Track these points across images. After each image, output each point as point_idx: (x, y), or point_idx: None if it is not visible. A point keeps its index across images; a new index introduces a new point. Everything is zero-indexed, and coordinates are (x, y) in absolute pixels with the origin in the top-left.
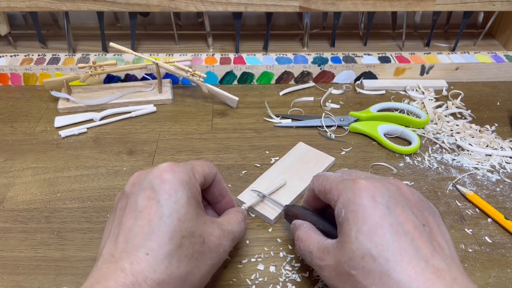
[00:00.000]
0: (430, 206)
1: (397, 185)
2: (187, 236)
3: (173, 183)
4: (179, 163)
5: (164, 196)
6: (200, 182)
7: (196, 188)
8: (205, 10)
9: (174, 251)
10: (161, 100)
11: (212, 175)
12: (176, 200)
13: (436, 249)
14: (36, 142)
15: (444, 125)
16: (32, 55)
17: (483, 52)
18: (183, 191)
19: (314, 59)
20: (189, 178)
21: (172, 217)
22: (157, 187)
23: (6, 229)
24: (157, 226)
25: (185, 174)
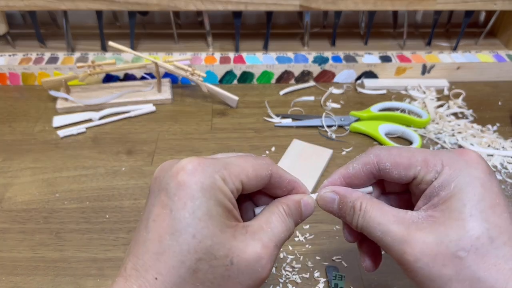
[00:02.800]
0: None
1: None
2: (206, 258)
3: (190, 188)
4: (208, 159)
5: (178, 205)
6: (234, 186)
7: (225, 193)
8: (205, 9)
9: (188, 278)
10: (160, 99)
11: (262, 178)
12: (192, 211)
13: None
14: (34, 142)
15: (446, 125)
16: (31, 55)
17: (484, 52)
18: (203, 199)
19: (314, 58)
20: (214, 182)
21: (185, 233)
22: (171, 192)
23: (5, 229)
24: (168, 245)
25: (209, 176)
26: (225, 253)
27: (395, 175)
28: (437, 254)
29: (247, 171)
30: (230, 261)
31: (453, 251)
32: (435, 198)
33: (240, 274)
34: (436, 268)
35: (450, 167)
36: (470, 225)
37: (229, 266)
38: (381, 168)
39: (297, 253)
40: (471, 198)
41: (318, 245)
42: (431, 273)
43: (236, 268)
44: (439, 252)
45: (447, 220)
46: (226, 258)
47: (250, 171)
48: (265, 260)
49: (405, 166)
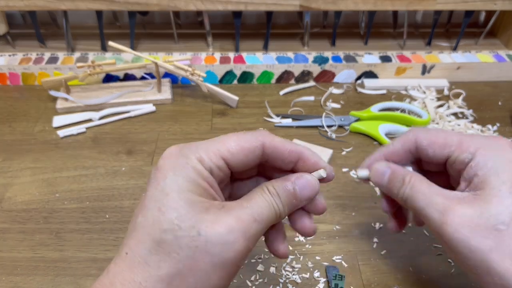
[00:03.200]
0: None
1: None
2: (170, 229)
3: (164, 170)
4: (189, 143)
5: (152, 185)
6: (213, 165)
7: (199, 171)
8: (205, 9)
9: (153, 250)
10: (160, 99)
11: (250, 151)
12: (161, 189)
13: None
14: (34, 142)
15: (446, 125)
16: (31, 55)
17: (484, 52)
18: (173, 177)
19: (314, 58)
20: (186, 162)
21: (152, 208)
22: (150, 177)
23: (5, 229)
24: (139, 222)
25: (183, 157)
26: (191, 224)
27: (431, 153)
28: (477, 226)
29: (229, 146)
30: (197, 232)
31: (493, 223)
32: (475, 178)
33: (209, 244)
34: (477, 239)
35: (485, 149)
36: (509, 201)
37: (196, 236)
38: (418, 146)
39: (297, 253)
40: (509, 177)
41: (318, 245)
42: (470, 244)
43: (204, 239)
44: (479, 224)
45: (487, 197)
46: (192, 229)
47: (232, 145)
48: (238, 232)
49: (440, 145)
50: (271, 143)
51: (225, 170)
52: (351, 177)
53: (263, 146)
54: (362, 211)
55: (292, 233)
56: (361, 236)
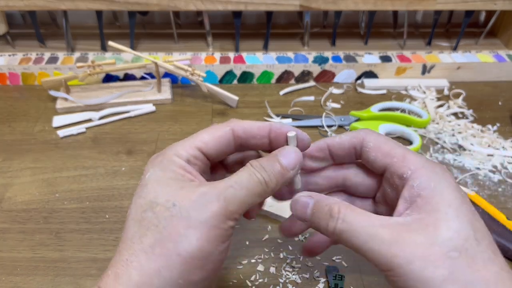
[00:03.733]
0: None
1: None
2: (149, 208)
3: (145, 171)
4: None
5: (138, 185)
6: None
7: (175, 161)
8: (205, 9)
9: (136, 228)
10: (160, 99)
11: (221, 136)
12: (143, 184)
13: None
14: (34, 142)
15: (446, 125)
16: (31, 55)
17: (484, 52)
18: (152, 171)
19: (314, 58)
20: (163, 157)
21: (135, 200)
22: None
23: (4, 229)
24: (127, 216)
25: (161, 155)
26: (166, 199)
27: (372, 157)
28: (430, 255)
29: (202, 137)
30: (172, 204)
31: (446, 251)
32: (418, 199)
33: (183, 211)
34: (430, 269)
35: (426, 169)
36: (458, 226)
37: (171, 208)
38: (363, 145)
39: (297, 253)
40: (454, 201)
41: None
42: (423, 275)
43: (179, 208)
44: (431, 253)
45: (436, 221)
46: (168, 202)
47: (204, 136)
48: (211, 195)
49: (384, 153)
50: (239, 125)
51: (203, 159)
52: None
53: (232, 130)
54: None
55: None
56: None
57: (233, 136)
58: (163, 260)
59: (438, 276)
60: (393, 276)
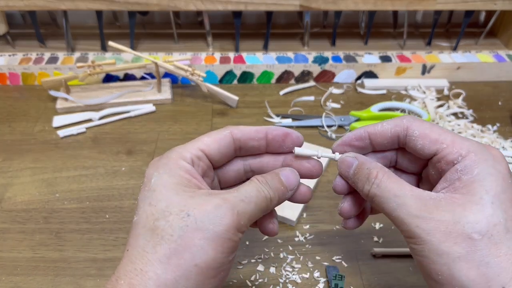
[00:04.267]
0: None
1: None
2: (162, 217)
3: (149, 174)
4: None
5: (142, 190)
6: (193, 157)
7: (181, 166)
8: (205, 9)
9: (149, 238)
10: (160, 99)
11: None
12: (148, 188)
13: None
14: (34, 142)
15: (446, 125)
16: (31, 55)
17: (484, 52)
18: (158, 175)
19: (314, 58)
20: (168, 160)
21: (143, 205)
22: (141, 187)
23: (5, 229)
24: (135, 221)
25: (165, 158)
26: (179, 209)
27: (419, 145)
28: (451, 232)
29: (204, 140)
30: (186, 214)
31: (468, 232)
32: (457, 182)
33: (198, 222)
34: (447, 244)
35: (476, 154)
36: (489, 211)
37: (186, 217)
38: (408, 134)
39: (297, 253)
40: (494, 188)
41: (318, 245)
42: (439, 248)
43: (194, 217)
44: (453, 231)
45: (467, 203)
46: (181, 212)
47: (206, 139)
48: (225, 208)
49: (432, 139)
50: (238, 129)
51: (205, 160)
52: None
53: (231, 133)
54: None
55: (292, 233)
56: (361, 236)
57: (233, 139)
58: (180, 270)
59: (454, 252)
60: (413, 243)
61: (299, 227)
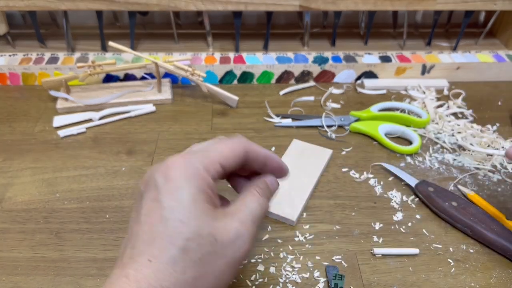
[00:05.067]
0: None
1: None
2: (193, 238)
3: (176, 180)
4: (190, 153)
5: (167, 196)
6: (214, 172)
7: (206, 181)
8: (205, 9)
9: (178, 257)
10: (160, 99)
11: (239, 156)
12: (178, 200)
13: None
14: (35, 142)
15: (445, 125)
16: (31, 55)
17: (484, 52)
18: (188, 188)
19: (314, 58)
20: (196, 171)
21: (173, 220)
22: (160, 186)
23: (5, 229)
24: (159, 231)
25: (192, 167)
26: (209, 232)
27: None
28: None
29: (224, 153)
30: (214, 239)
31: None
32: None
33: (224, 249)
34: None
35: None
36: None
37: (214, 242)
38: None
39: (297, 253)
40: None
41: (318, 245)
42: None
43: (220, 244)
44: None
45: None
46: (210, 236)
47: (226, 151)
48: (245, 236)
49: None
50: (251, 148)
51: (221, 175)
52: (351, 177)
53: (247, 151)
54: (362, 211)
55: (292, 233)
56: (361, 236)
57: (244, 157)
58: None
59: None
60: None
61: (299, 227)
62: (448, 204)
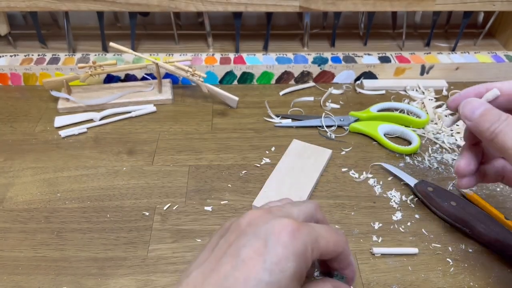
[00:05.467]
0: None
1: None
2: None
3: (287, 249)
4: (305, 227)
5: (273, 259)
6: (316, 257)
7: (307, 263)
8: (205, 10)
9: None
10: (161, 100)
11: (335, 252)
12: (283, 270)
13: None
14: (36, 142)
15: (444, 125)
16: (32, 55)
17: (483, 52)
18: (294, 263)
19: (314, 59)
20: (305, 251)
21: (271, 285)
22: (270, 245)
23: (6, 229)
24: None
25: (304, 245)
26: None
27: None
28: None
29: (329, 245)
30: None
31: None
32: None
33: None
34: None
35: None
36: None
37: None
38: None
39: None
40: None
41: None
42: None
43: None
44: None
45: None
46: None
47: (331, 245)
48: None
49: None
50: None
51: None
52: (351, 177)
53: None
54: (361, 210)
55: None
56: (360, 236)
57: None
58: None
59: None
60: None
61: None
62: (447, 204)
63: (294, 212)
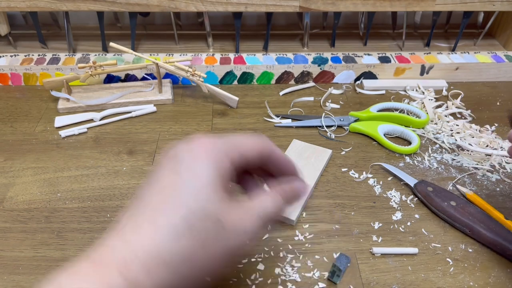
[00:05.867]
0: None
1: None
2: (199, 213)
3: (199, 158)
4: (218, 137)
5: (187, 170)
6: (235, 161)
7: (225, 167)
8: (205, 10)
9: (181, 227)
10: (161, 100)
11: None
12: (197, 176)
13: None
14: (36, 142)
15: (444, 125)
16: (32, 55)
17: (483, 52)
18: (208, 169)
19: (314, 59)
20: (219, 155)
21: (186, 193)
22: (181, 157)
23: (6, 229)
24: (169, 200)
25: (216, 150)
26: (215, 213)
27: None
28: None
29: (248, 145)
30: (219, 221)
31: None
32: None
33: (225, 234)
34: None
35: None
36: None
37: (217, 224)
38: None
39: (296, 252)
40: None
41: (318, 244)
42: None
43: (223, 228)
44: None
45: None
46: (215, 217)
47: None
48: (248, 228)
49: None
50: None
51: (241, 165)
52: (350, 177)
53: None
54: (361, 210)
55: (292, 232)
56: (360, 235)
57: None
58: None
59: None
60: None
61: (298, 226)
62: (447, 204)
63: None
